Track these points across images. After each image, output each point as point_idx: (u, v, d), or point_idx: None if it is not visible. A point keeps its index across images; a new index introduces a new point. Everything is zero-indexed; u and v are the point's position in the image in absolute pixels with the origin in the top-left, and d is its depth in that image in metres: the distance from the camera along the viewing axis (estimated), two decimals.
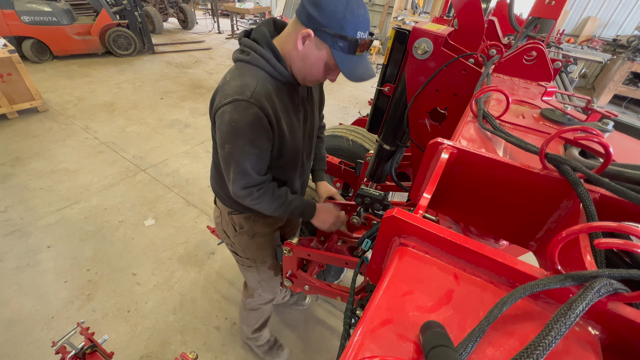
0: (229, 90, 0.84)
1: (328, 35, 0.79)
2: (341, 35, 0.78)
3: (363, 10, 0.79)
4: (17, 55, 3.43)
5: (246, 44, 0.88)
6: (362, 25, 0.80)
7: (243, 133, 0.84)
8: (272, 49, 0.86)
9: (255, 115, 0.83)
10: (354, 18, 0.77)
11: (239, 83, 0.83)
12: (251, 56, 0.86)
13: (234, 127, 0.84)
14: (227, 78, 0.88)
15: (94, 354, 1.24)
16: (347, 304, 0.69)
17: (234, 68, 0.90)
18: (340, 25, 0.78)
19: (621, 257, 0.38)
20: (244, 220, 1.16)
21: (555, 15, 1.23)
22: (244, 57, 0.87)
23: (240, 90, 0.82)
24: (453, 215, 0.69)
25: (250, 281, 1.41)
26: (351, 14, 0.77)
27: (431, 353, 0.26)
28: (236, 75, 0.86)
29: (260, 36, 0.87)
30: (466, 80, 0.97)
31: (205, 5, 11.21)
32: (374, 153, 1.40)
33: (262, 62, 0.86)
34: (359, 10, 0.78)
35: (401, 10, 7.85)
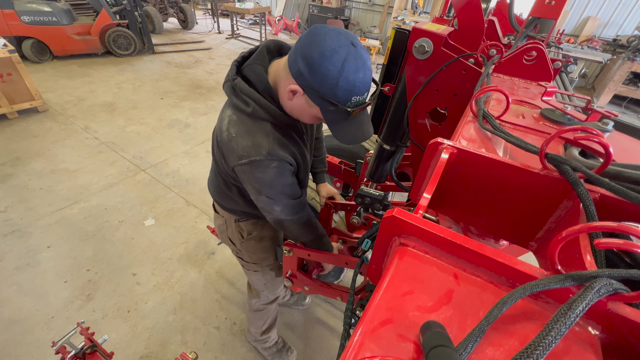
0: (240, 151, 0.81)
1: (318, 97, 0.72)
2: (332, 102, 0.72)
3: (362, 75, 0.70)
4: (17, 55, 3.43)
5: (244, 91, 0.80)
6: (358, 90, 0.72)
7: (273, 184, 0.86)
8: (272, 96, 0.81)
9: (277, 167, 0.83)
10: (348, 85, 0.69)
11: (250, 143, 0.80)
12: (252, 108, 0.80)
13: (261, 181, 0.85)
14: (231, 133, 0.82)
15: (94, 354, 1.24)
16: (347, 304, 0.69)
17: (236, 120, 0.83)
18: (332, 92, 0.70)
19: (621, 257, 0.38)
20: (252, 226, 1.15)
21: (555, 15, 1.23)
22: (245, 109, 0.81)
23: (255, 152, 0.80)
24: (453, 215, 0.69)
25: (256, 284, 1.41)
26: (345, 81, 0.69)
27: (431, 353, 0.26)
28: (243, 133, 0.81)
29: (258, 81, 0.80)
30: (466, 80, 0.97)
31: (205, 5, 11.21)
32: (374, 153, 1.41)
33: (265, 115, 0.81)
34: (355, 75, 0.69)
35: (401, 10, 7.85)
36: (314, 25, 0.73)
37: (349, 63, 0.67)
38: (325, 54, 0.67)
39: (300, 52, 0.70)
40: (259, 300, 1.48)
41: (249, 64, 0.82)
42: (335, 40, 0.67)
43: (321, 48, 0.67)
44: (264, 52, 0.83)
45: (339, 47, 0.67)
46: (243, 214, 1.12)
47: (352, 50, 0.68)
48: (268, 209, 0.94)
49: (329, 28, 0.70)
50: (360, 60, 0.69)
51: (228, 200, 1.09)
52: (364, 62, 0.70)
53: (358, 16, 9.20)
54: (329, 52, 0.67)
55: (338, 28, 0.71)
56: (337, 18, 8.42)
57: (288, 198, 0.92)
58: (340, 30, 0.70)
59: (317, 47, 0.67)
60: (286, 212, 0.95)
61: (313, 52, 0.68)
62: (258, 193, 0.89)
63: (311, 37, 0.69)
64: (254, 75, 0.81)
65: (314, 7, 9.16)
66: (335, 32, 0.69)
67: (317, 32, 0.69)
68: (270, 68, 0.83)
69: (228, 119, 0.84)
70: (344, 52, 0.67)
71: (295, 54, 0.71)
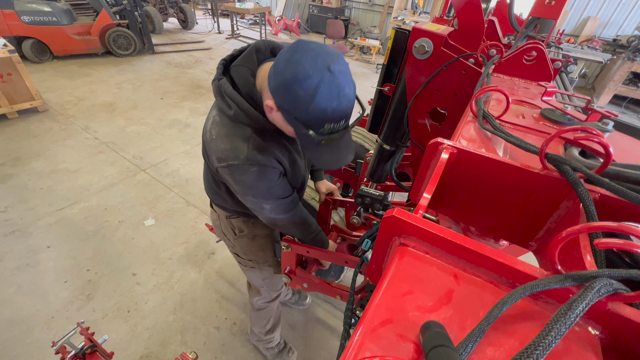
0: (220, 153, 0.81)
1: (291, 118, 0.69)
2: (305, 125, 0.68)
3: (335, 104, 0.66)
4: (17, 55, 3.43)
5: (227, 93, 0.77)
6: (331, 119, 0.67)
7: (255, 185, 0.85)
8: (256, 100, 0.77)
9: (257, 171, 0.82)
10: (319, 112, 0.65)
11: (228, 147, 0.79)
12: (234, 111, 0.77)
13: (243, 184, 0.85)
14: (212, 134, 0.82)
15: (94, 354, 1.24)
16: (347, 304, 0.68)
17: (218, 121, 0.82)
18: (303, 117, 0.67)
19: (621, 257, 0.38)
20: (243, 224, 1.16)
21: (555, 15, 1.23)
22: (227, 112, 0.79)
23: (233, 155, 0.79)
24: (453, 215, 0.69)
25: (254, 281, 1.41)
26: (316, 108, 0.65)
27: (431, 353, 0.26)
28: (222, 135, 0.81)
29: (242, 84, 0.78)
30: (466, 80, 0.97)
31: (205, 5, 11.21)
32: (374, 153, 1.41)
33: (246, 120, 0.78)
34: (328, 104, 0.65)
35: (401, 10, 7.85)
36: (297, 40, 0.69)
37: (321, 91, 0.64)
38: (297, 78, 0.63)
39: (277, 68, 0.67)
40: (260, 298, 1.48)
41: (235, 65, 0.79)
42: (310, 64, 0.63)
43: (294, 70, 0.63)
44: (252, 54, 0.80)
45: (313, 72, 0.63)
46: (233, 212, 1.13)
47: (327, 76, 0.64)
48: (257, 208, 0.93)
49: (309, 47, 0.66)
50: (335, 88, 0.65)
51: (218, 198, 1.09)
52: (340, 90, 0.66)
53: (358, 16, 9.20)
54: (302, 77, 0.63)
55: (319, 48, 0.66)
56: (337, 18, 8.42)
57: (276, 198, 0.91)
58: (320, 52, 0.65)
59: (291, 69, 0.64)
60: (277, 211, 0.94)
61: (287, 72, 0.64)
62: (243, 194, 0.89)
63: (289, 55, 0.65)
64: (238, 78, 0.78)
65: (314, 7, 9.16)
66: (313, 53, 0.65)
67: (295, 50, 0.65)
68: (259, 71, 0.79)
69: (212, 119, 0.84)
70: (317, 79, 0.63)
71: (273, 69, 0.68)
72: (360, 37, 8.13)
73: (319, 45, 0.68)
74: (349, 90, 0.68)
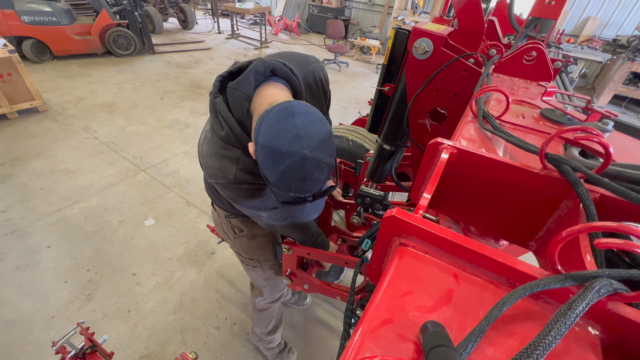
0: (210, 170, 0.82)
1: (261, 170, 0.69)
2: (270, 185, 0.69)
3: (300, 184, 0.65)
4: (17, 55, 3.43)
5: (222, 113, 0.75)
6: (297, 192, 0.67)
7: (247, 199, 0.86)
8: (247, 127, 0.76)
9: (248, 188, 0.83)
10: (284, 186, 0.66)
11: (217, 166, 0.80)
12: (225, 133, 0.76)
13: (234, 199, 0.86)
14: (203, 150, 0.83)
15: (94, 354, 1.24)
16: (347, 304, 0.69)
17: (210, 138, 0.82)
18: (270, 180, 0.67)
19: (621, 257, 0.38)
20: (242, 224, 1.16)
21: (555, 15, 1.23)
22: (219, 132, 0.78)
23: (221, 174, 0.80)
24: (453, 215, 0.69)
25: (256, 280, 1.41)
26: (282, 183, 0.65)
27: (431, 353, 0.26)
28: (212, 154, 0.81)
29: (235, 109, 0.75)
30: (466, 80, 0.97)
31: (205, 5, 11.21)
32: (374, 153, 1.40)
33: (236, 143, 0.78)
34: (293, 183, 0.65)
35: (401, 10, 7.85)
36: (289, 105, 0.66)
37: (290, 172, 0.64)
38: (272, 151, 0.63)
39: (261, 126, 0.65)
40: (262, 299, 1.48)
41: (231, 87, 0.76)
42: (287, 144, 0.62)
43: (272, 142, 0.62)
44: (249, 78, 0.75)
45: (288, 154, 0.62)
46: (232, 212, 1.13)
47: (299, 162, 0.63)
48: (254, 216, 0.94)
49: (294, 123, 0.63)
50: (302, 172, 0.64)
51: (216, 199, 1.10)
52: (308, 175, 0.65)
53: (358, 16, 9.20)
54: (276, 152, 0.62)
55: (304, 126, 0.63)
56: (337, 18, 8.42)
57: (271, 208, 0.91)
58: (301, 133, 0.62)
59: (269, 139, 0.63)
60: (274, 218, 0.94)
61: (265, 139, 0.63)
62: (238, 205, 0.90)
63: (273, 121, 0.64)
64: (233, 102, 0.76)
65: (314, 7, 9.16)
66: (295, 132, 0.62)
67: (279, 120, 0.63)
68: (255, 95, 0.76)
69: (205, 134, 0.85)
70: (290, 162, 0.62)
71: (259, 124, 0.66)
72: (360, 37, 8.14)
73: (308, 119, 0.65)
74: (317, 175, 0.67)
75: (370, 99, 2.61)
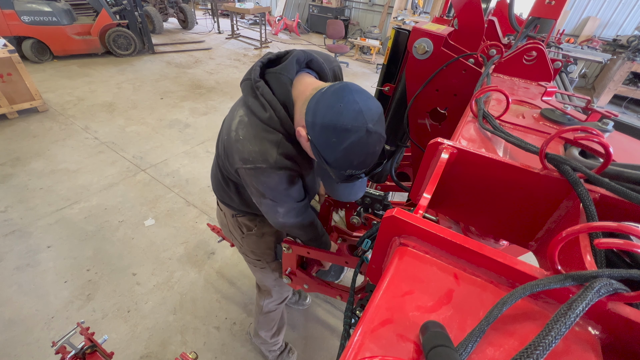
0: (247, 155, 0.79)
1: (317, 152, 0.72)
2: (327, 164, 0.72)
3: (363, 159, 0.70)
4: (17, 55, 3.43)
5: (266, 96, 0.78)
6: (355, 169, 0.72)
7: (277, 189, 0.85)
8: (290, 111, 0.79)
9: (283, 174, 0.82)
10: (346, 163, 0.70)
11: (257, 149, 0.78)
12: (269, 115, 0.77)
13: (266, 185, 0.84)
14: (239, 134, 0.80)
15: (94, 354, 1.24)
16: (347, 304, 0.69)
17: (247, 122, 0.80)
18: (330, 159, 0.70)
19: (621, 257, 0.38)
20: (250, 222, 1.16)
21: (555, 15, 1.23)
22: (261, 114, 0.78)
23: (261, 158, 0.78)
24: (453, 215, 0.69)
25: (265, 281, 1.39)
26: (345, 159, 0.69)
27: (431, 353, 0.26)
28: (252, 136, 0.79)
29: (281, 93, 0.78)
30: (466, 80, 0.97)
31: (205, 5, 11.21)
32: None
33: (280, 126, 0.79)
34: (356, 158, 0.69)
35: (401, 10, 7.85)
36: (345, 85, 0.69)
37: (354, 148, 0.67)
38: (335, 127, 0.66)
39: (318, 107, 0.68)
40: (271, 300, 1.45)
41: (275, 72, 0.79)
42: (351, 119, 0.65)
43: (335, 120, 0.66)
44: (293, 64, 0.80)
45: (351, 128, 0.65)
46: (239, 210, 1.13)
47: (364, 137, 0.66)
48: (272, 212, 0.93)
49: (354, 99, 0.67)
50: (366, 147, 0.68)
51: (225, 196, 1.09)
52: (370, 149, 0.69)
53: (358, 16, 9.20)
54: (340, 128, 0.66)
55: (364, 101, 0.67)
56: (337, 18, 8.42)
57: (293, 201, 0.92)
58: (363, 107, 0.67)
59: (332, 116, 0.66)
60: (290, 215, 0.94)
61: (327, 117, 0.67)
62: (262, 196, 0.88)
63: (333, 101, 0.67)
64: (278, 86, 0.78)
65: (314, 7, 9.16)
66: (357, 107, 0.66)
67: (341, 98, 0.67)
68: (295, 82, 0.80)
69: (239, 118, 0.82)
70: (355, 137, 0.66)
71: (315, 105, 0.69)
72: (360, 37, 8.13)
73: (365, 96, 0.69)
74: (378, 149, 0.71)
75: None
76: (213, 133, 3.81)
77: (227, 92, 4.96)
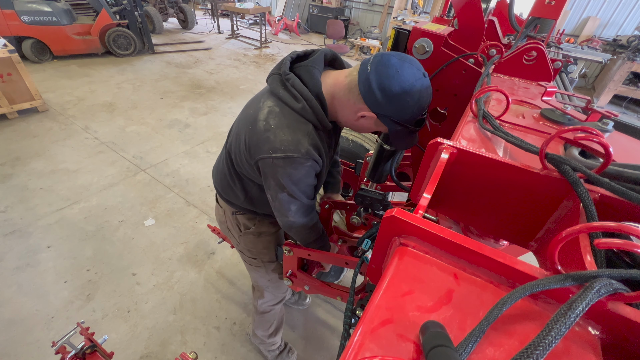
0: (278, 144, 0.80)
1: (391, 121, 0.79)
2: (404, 124, 0.80)
3: (428, 99, 0.78)
4: (17, 55, 3.43)
5: (297, 87, 0.81)
6: (424, 111, 0.80)
7: (300, 181, 0.87)
8: (322, 103, 0.83)
9: (310, 167, 0.85)
10: (419, 110, 0.77)
11: (290, 138, 0.80)
12: (302, 106, 0.81)
13: (291, 178, 0.85)
14: (270, 123, 0.81)
15: (94, 354, 1.24)
16: (347, 304, 0.69)
17: (278, 112, 0.82)
18: (407, 118, 0.78)
19: (621, 257, 0.38)
20: (249, 221, 1.16)
21: (555, 15, 1.23)
22: (293, 104, 0.81)
23: (293, 148, 0.80)
24: (453, 215, 0.69)
25: (259, 281, 1.40)
26: (419, 108, 0.77)
27: (431, 353, 0.26)
28: (284, 126, 0.81)
29: (312, 84, 0.82)
30: (466, 80, 0.97)
31: (205, 5, 11.21)
32: (374, 153, 1.40)
33: (311, 116, 0.82)
34: (426, 102, 0.77)
35: (401, 10, 7.85)
36: (382, 55, 0.75)
37: (422, 94, 0.75)
38: (405, 89, 0.73)
39: (377, 84, 0.74)
40: (264, 301, 1.47)
41: (305, 65, 0.84)
42: (412, 74, 0.73)
43: (401, 83, 0.72)
44: (321, 59, 0.86)
45: (416, 81, 0.73)
46: (240, 208, 1.12)
47: (425, 81, 0.76)
48: (285, 208, 0.92)
49: (401, 59, 0.74)
50: (428, 88, 0.77)
51: (229, 192, 1.09)
52: (429, 89, 0.78)
53: (358, 16, 9.20)
54: (408, 87, 0.73)
55: (403, 58, 0.75)
56: (337, 18, 8.41)
57: (306, 198, 0.93)
58: (412, 61, 0.75)
59: (398, 82, 0.72)
60: (300, 213, 0.95)
61: (393, 86, 0.73)
62: (280, 190, 0.88)
63: (387, 71, 0.73)
64: (309, 78, 0.83)
65: (314, 7, 9.16)
66: (407, 64, 0.74)
67: (391, 65, 0.73)
68: (323, 77, 0.85)
69: (268, 109, 0.84)
70: (419, 85, 0.74)
71: (369, 84, 0.75)
72: (360, 37, 8.13)
73: (398, 54, 0.76)
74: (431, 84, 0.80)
75: None
76: (213, 133, 3.81)
77: (227, 92, 4.96)
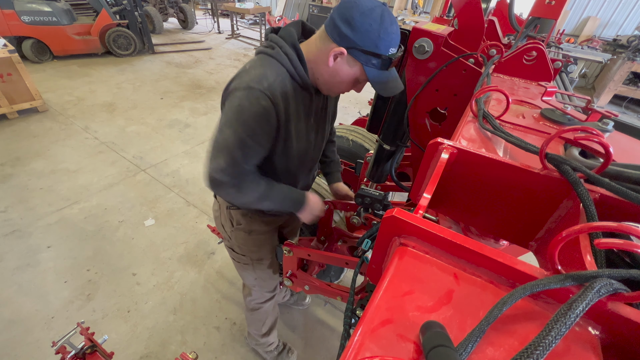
0: (246, 78, 0.83)
1: (361, 54, 0.80)
2: (375, 53, 0.79)
3: (395, 27, 0.79)
4: (17, 55, 3.43)
5: (273, 39, 0.87)
6: (394, 42, 0.80)
7: (247, 122, 0.82)
8: (297, 51, 0.86)
9: (265, 107, 0.81)
10: (387, 36, 0.78)
11: (258, 72, 0.83)
12: (276, 50, 0.86)
13: (240, 113, 0.81)
14: (246, 67, 0.87)
15: (94, 354, 1.24)
16: (347, 304, 0.69)
17: (256, 59, 0.88)
18: (375, 44, 0.78)
19: (621, 257, 0.38)
20: (241, 217, 1.15)
21: (555, 15, 1.23)
22: (268, 51, 0.87)
23: (257, 80, 0.81)
24: (453, 215, 0.69)
25: (246, 279, 1.41)
26: (385, 32, 0.77)
27: (431, 353, 0.26)
28: (257, 65, 0.85)
29: (288, 35, 0.87)
30: (466, 80, 0.97)
31: (205, 5, 11.20)
32: (374, 153, 1.40)
33: (285, 60, 0.85)
34: (391, 28, 0.78)
35: (401, 10, 7.85)
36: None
37: (384, 17, 0.77)
38: (365, 13, 0.76)
39: (339, 17, 0.78)
40: (252, 299, 1.47)
41: (284, 27, 0.90)
42: (370, 1, 0.77)
43: (361, 8, 0.76)
44: (299, 24, 0.93)
45: (375, 6, 0.77)
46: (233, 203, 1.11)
47: (385, 7, 0.79)
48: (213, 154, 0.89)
49: None
50: (391, 15, 0.79)
51: None
52: (394, 17, 0.80)
53: None
54: (368, 11, 0.76)
55: None
56: None
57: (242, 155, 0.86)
58: None
59: (357, 9, 0.76)
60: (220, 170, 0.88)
61: (354, 13, 0.76)
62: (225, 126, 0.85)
63: (347, 3, 0.78)
64: (286, 32, 0.87)
65: (314, 7, 9.16)
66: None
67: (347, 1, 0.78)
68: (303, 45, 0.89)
69: (249, 60, 0.90)
70: (380, 9, 0.77)
71: (333, 22, 0.80)
72: None
73: None
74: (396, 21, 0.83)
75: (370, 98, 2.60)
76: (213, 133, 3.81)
77: None
